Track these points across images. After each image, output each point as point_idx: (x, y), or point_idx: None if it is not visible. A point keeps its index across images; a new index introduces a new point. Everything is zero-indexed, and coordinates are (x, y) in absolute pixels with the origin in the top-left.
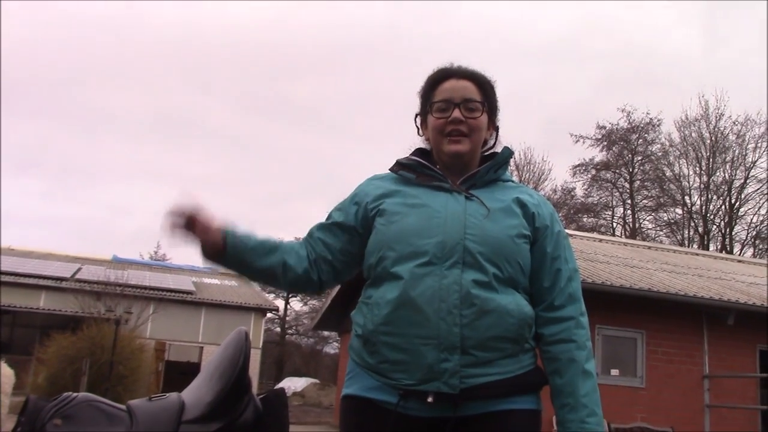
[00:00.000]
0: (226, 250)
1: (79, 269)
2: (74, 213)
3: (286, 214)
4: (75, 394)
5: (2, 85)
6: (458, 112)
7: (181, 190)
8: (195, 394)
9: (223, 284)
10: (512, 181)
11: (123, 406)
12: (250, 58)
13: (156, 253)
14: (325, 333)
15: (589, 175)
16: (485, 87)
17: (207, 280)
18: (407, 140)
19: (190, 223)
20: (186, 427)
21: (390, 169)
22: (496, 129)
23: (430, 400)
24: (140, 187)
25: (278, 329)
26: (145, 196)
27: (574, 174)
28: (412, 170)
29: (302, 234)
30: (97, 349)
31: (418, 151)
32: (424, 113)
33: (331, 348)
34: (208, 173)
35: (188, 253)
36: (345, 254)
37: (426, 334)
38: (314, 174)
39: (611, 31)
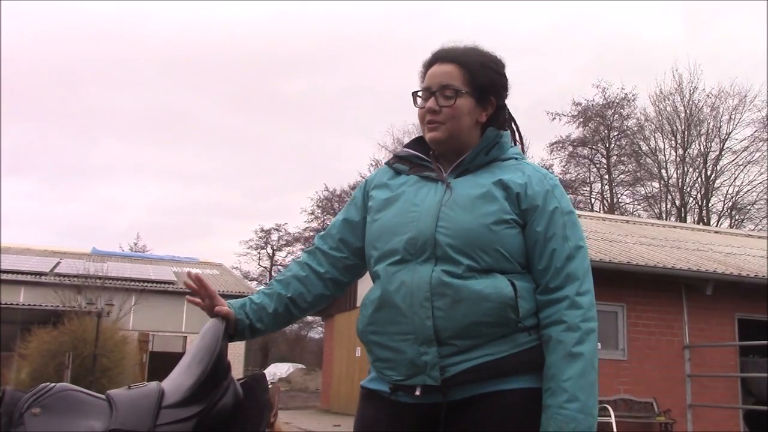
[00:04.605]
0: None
1: (58, 263)
2: (67, 211)
3: (279, 204)
4: (53, 384)
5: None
6: (433, 101)
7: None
8: (174, 381)
9: (205, 273)
10: (515, 158)
11: (102, 395)
12: (241, 57)
13: (136, 244)
14: (309, 318)
15: (566, 152)
16: (471, 68)
17: (188, 270)
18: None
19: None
20: (166, 412)
21: (386, 163)
22: (499, 107)
23: (417, 393)
24: (134, 184)
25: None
26: (138, 193)
27: (552, 151)
28: (406, 161)
29: (293, 220)
30: (80, 343)
31: (416, 140)
32: None
33: (316, 333)
34: (201, 169)
35: (168, 244)
36: (362, 250)
37: (403, 330)
38: (305, 166)
39: (593, 23)
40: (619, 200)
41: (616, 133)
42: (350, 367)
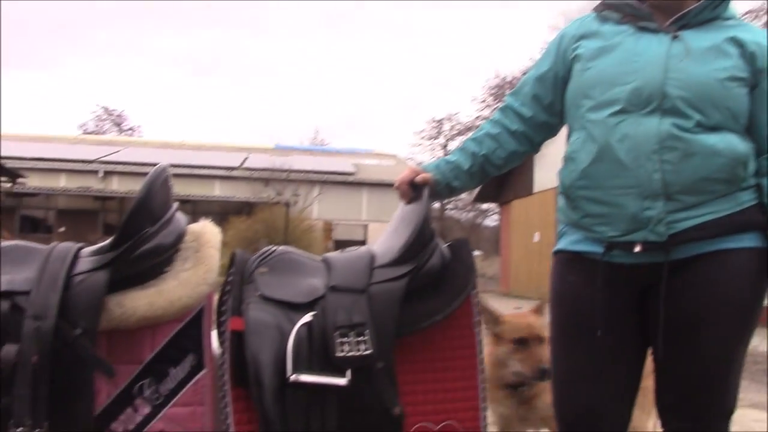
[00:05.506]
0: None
1: (246, 158)
2: (251, 109)
3: (451, 94)
4: (276, 247)
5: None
6: None
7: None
8: (384, 244)
9: (381, 164)
10: (735, 19)
11: (318, 257)
12: None
13: (315, 138)
14: (484, 206)
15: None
16: None
17: (365, 161)
18: None
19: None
20: (378, 271)
21: (594, 9)
22: None
23: (637, 249)
24: (311, 80)
25: (437, 205)
26: (315, 88)
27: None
28: (617, 9)
29: (465, 110)
30: (272, 231)
31: None
32: None
33: (491, 221)
34: (374, 62)
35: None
36: (556, 104)
37: (625, 183)
38: (476, 54)
39: None
40: None
41: None
42: (528, 252)
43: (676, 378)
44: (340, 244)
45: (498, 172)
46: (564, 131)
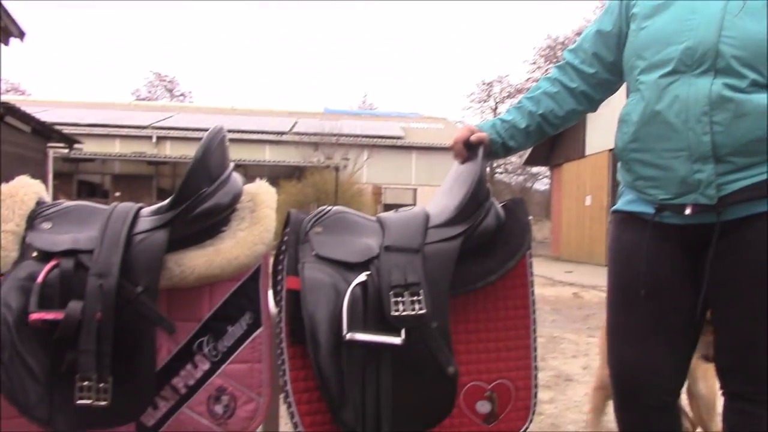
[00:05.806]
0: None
1: (296, 123)
2: (298, 73)
3: (500, 56)
4: (330, 207)
5: None
6: None
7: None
8: (438, 204)
9: (430, 128)
10: None
11: (373, 217)
12: None
13: (364, 102)
14: (534, 170)
15: None
16: None
17: (414, 125)
18: None
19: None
20: (433, 231)
21: None
22: None
23: (687, 212)
24: (357, 44)
25: (487, 168)
26: (361, 52)
27: None
28: None
29: (515, 72)
30: (322, 194)
31: None
32: None
33: (541, 185)
34: (420, 24)
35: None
36: (618, 64)
37: (675, 146)
38: (526, 14)
39: None
40: None
41: None
42: (579, 215)
43: (731, 340)
44: (389, 208)
45: (555, 132)
46: (622, 90)
